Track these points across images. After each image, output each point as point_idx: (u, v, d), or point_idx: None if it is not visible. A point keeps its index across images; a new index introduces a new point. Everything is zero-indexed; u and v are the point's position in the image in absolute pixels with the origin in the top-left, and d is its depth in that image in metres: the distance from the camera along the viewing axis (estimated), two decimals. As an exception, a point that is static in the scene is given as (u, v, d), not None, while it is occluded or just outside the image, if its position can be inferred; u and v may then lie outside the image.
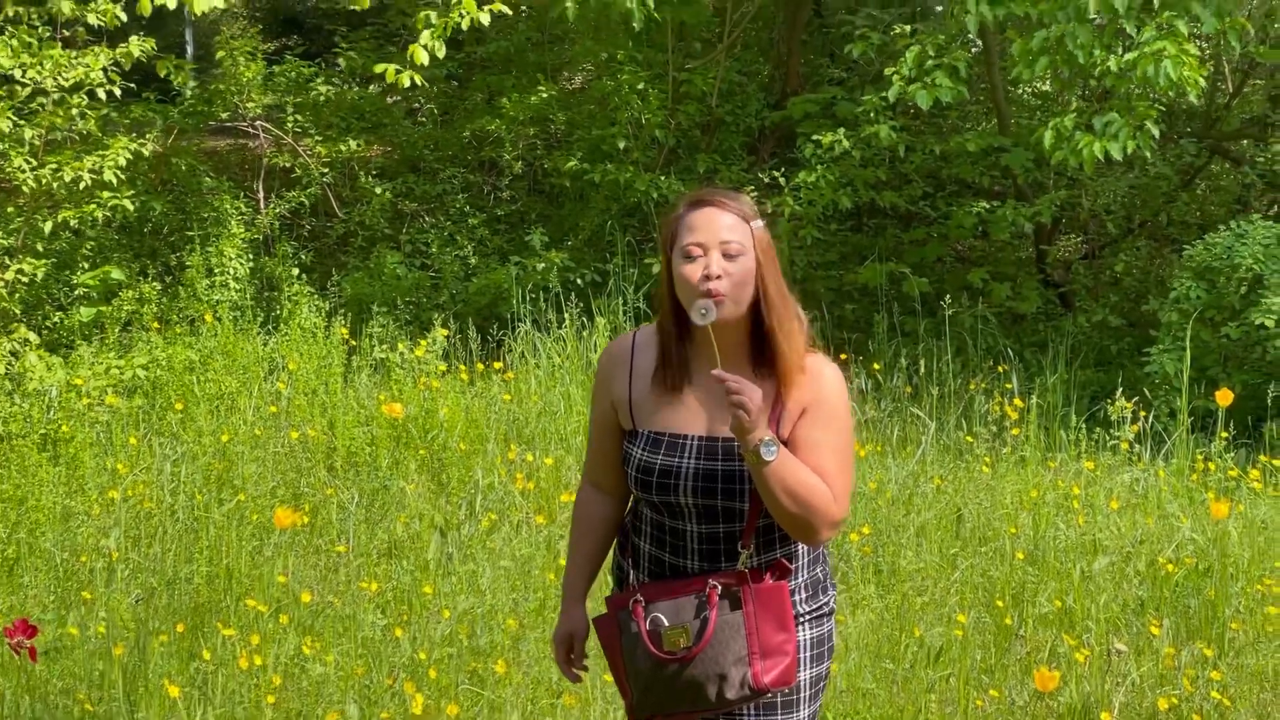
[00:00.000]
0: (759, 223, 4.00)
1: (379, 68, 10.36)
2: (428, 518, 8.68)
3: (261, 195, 13.83)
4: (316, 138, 14.34)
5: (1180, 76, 10.24)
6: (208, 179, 13.19)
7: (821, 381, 4.03)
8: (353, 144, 14.13)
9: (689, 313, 3.91)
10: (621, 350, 4.24)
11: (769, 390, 3.99)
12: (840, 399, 4.04)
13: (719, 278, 3.88)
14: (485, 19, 10.13)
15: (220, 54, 13.92)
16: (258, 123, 14.36)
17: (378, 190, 13.87)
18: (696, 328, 3.97)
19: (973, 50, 13.19)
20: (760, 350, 4.02)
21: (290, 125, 14.32)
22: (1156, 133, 10.98)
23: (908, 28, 12.58)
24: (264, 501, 8.84)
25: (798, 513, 3.85)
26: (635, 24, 11.67)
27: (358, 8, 10.44)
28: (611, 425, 4.25)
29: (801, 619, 4.14)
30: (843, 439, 4.01)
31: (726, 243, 3.91)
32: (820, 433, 3.98)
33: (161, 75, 12.06)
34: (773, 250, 4.04)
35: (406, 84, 10.12)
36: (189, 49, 21.64)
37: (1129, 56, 10.47)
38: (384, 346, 11.43)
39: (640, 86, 13.56)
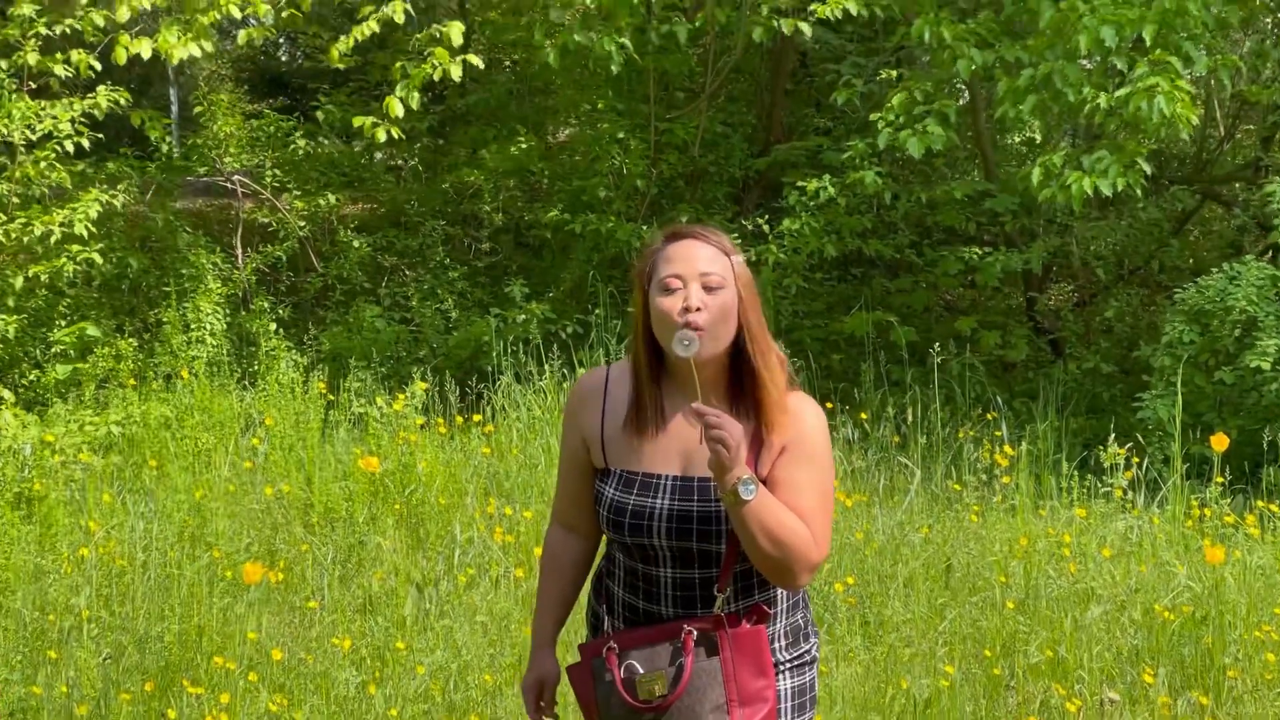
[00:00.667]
0: (738, 257, 3.87)
1: (357, 121, 10.38)
2: (404, 573, 8.48)
3: (240, 251, 13.66)
4: (295, 192, 14.17)
5: (1174, 112, 10.08)
6: (184, 234, 13.03)
7: (802, 420, 3.88)
8: (331, 198, 13.97)
9: (667, 348, 3.77)
10: (594, 384, 4.07)
11: (748, 428, 3.83)
12: (821, 438, 3.91)
13: (699, 310, 3.74)
14: (457, 72, 10.09)
15: (199, 109, 13.79)
16: (236, 177, 14.19)
17: (355, 244, 13.70)
18: (674, 364, 3.86)
19: (960, 100, 13.04)
20: (739, 388, 3.88)
21: (269, 180, 14.16)
22: (1148, 169, 10.85)
23: (894, 73, 12.45)
24: (238, 558, 8.64)
25: (776, 555, 3.70)
26: (615, 67, 11.56)
27: (332, 63, 10.39)
28: (582, 463, 4.07)
29: (782, 667, 3.99)
30: (823, 479, 3.87)
31: (707, 275, 3.77)
32: (800, 472, 3.84)
33: (136, 125, 11.91)
34: (753, 286, 3.91)
35: (383, 138, 10.09)
36: (174, 109, 21.54)
37: (1121, 93, 10.31)
38: (362, 401, 11.26)
39: (621, 136, 13.43)
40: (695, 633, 3.86)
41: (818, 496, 3.84)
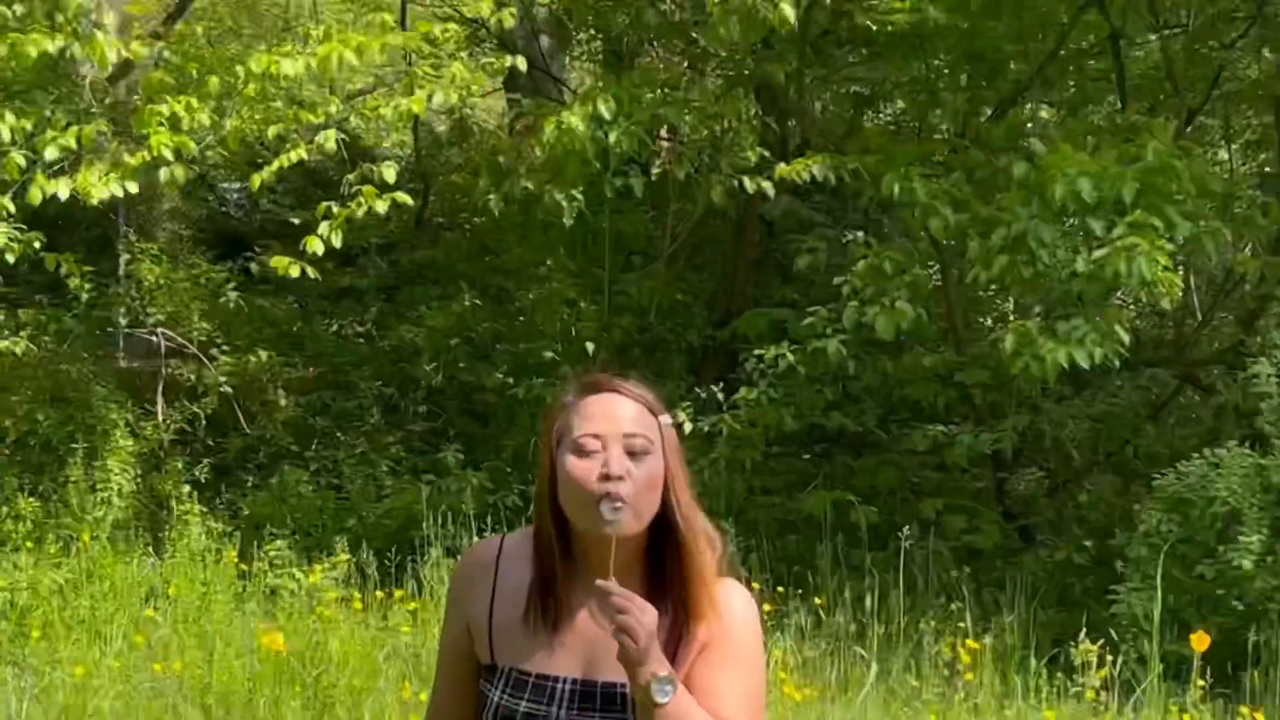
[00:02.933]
0: (666, 418, 3.22)
1: (274, 261, 9.98)
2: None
3: (160, 407, 12.99)
4: (224, 347, 13.55)
5: (1156, 275, 9.50)
6: (99, 388, 12.37)
7: (730, 612, 3.23)
8: (263, 355, 13.34)
9: (577, 522, 3.12)
10: (483, 560, 3.35)
11: (665, 619, 3.13)
12: (751, 633, 3.27)
13: (621, 478, 3.07)
14: (383, 207, 9.76)
15: (124, 258, 13.26)
16: (161, 330, 13.55)
17: (283, 403, 13.07)
18: (584, 542, 3.17)
19: (932, 269, 12.54)
20: (659, 571, 3.21)
21: (196, 334, 13.52)
22: (1126, 338, 10.25)
23: (859, 233, 11.97)
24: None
25: None
26: (566, 219, 11.09)
27: (253, 190, 10.14)
28: (465, 656, 3.33)
29: None
30: (752, 683, 3.23)
31: (631, 437, 3.12)
32: (726, 675, 3.18)
33: (50, 269, 11.35)
34: (681, 453, 3.25)
35: (296, 274, 9.85)
36: (121, 260, 21.05)
37: (1099, 254, 9.72)
38: (278, 572, 10.60)
39: (572, 296, 12.89)
40: None
41: (745, 704, 3.19)
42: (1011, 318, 15.18)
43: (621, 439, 3.11)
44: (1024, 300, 12.73)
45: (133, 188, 10.33)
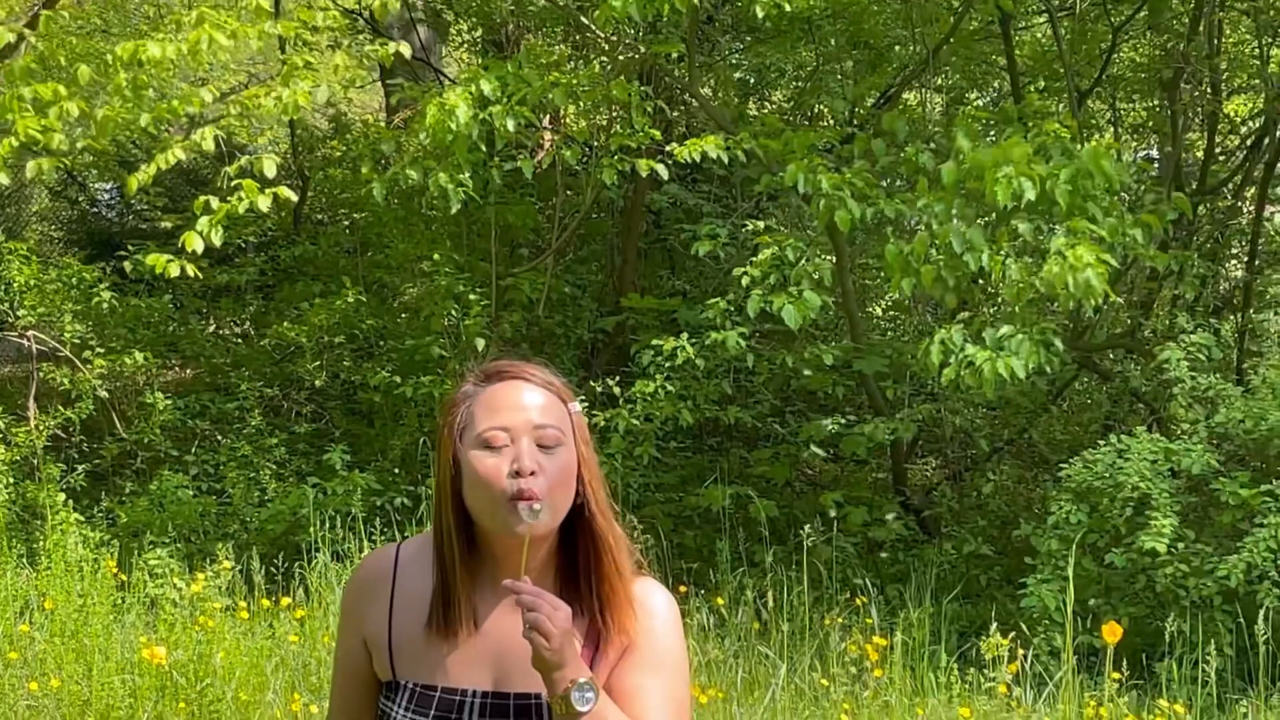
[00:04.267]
0: (575, 405, 3.07)
1: (150, 259, 9.64)
2: (188, 784, 7.39)
3: (33, 412, 12.51)
4: (98, 349, 13.09)
5: (1101, 288, 9.24)
6: (-37, 394, 11.95)
7: (651, 613, 3.08)
8: (139, 357, 12.90)
9: (486, 522, 2.94)
10: (379, 570, 3.14)
11: (581, 622, 2.99)
12: (674, 634, 3.10)
13: (534, 473, 2.89)
14: (265, 204, 9.48)
15: None
16: (31, 333, 13.07)
17: (160, 406, 12.63)
18: (491, 542, 2.99)
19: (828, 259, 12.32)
20: (571, 573, 3.05)
21: (69, 336, 13.05)
22: (1060, 346, 10.03)
23: (760, 224, 11.71)
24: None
25: None
26: (454, 204, 10.73)
27: (129, 194, 9.72)
28: (362, 673, 3.12)
29: None
30: (677, 687, 3.07)
31: (541, 429, 2.95)
32: (649, 680, 3.02)
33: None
34: (591, 442, 3.12)
35: (175, 272, 9.47)
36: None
37: (1045, 267, 9.42)
38: (158, 581, 10.19)
39: (461, 289, 12.55)
40: None
41: (671, 707, 3.03)
42: (908, 306, 15.03)
43: (532, 431, 2.93)
44: (925, 297, 12.48)
45: (5, 180, 9.95)
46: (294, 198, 10.18)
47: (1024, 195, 9.28)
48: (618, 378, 12.59)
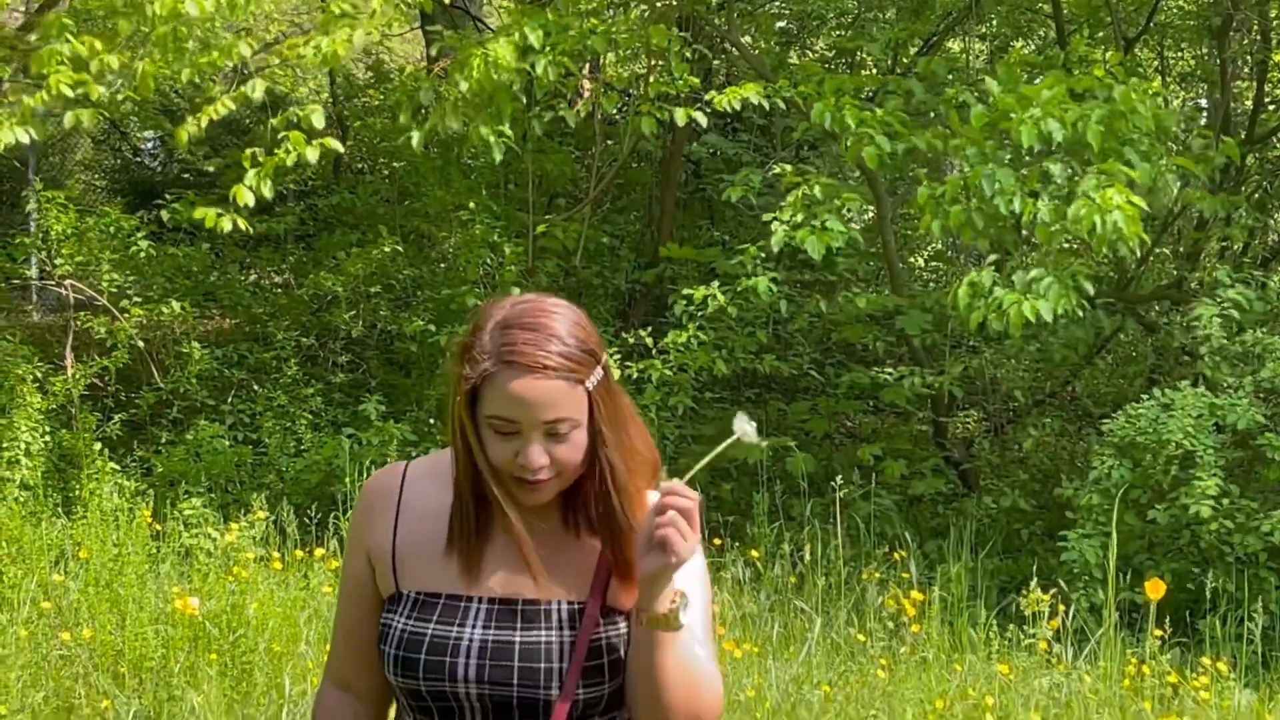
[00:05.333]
0: (597, 376, 2.89)
1: (199, 213, 9.58)
2: (220, 735, 7.34)
3: (70, 361, 12.47)
4: (136, 299, 13.03)
5: (1131, 231, 9.11)
6: (3, 342, 11.85)
7: None
8: (176, 306, 12.83)
9: (490, 482, 2.88)
10: (385, 487, 3.11)
11: (589, 548, 2.97)
12: (698, 556, 2.99)
13: (541, 468, 2.83)
14: (314, 155, 9.41)
15: (29, 206, 12.71)
16: (69, 282, 13.02)
17: (196, 355, 12.56)
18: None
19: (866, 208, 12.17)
20: (575, 503, 2.98)
21: (106, 285, 12.99)
22: (1091, 290, 9.89)
23: (789, 167, 11.56)
24: (25, 718, 7.53)
25: (686, 709, 2.85)
26: (496, 154, 10.62)
27: (179, 147, 9.67)
28: (367, 593, 3.07)
29: None
30: (706, 608, 3.02)
31: (553, 424, 2.83)
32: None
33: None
34: (614, 397, 2.97)
35: (227, 227, 9.40)
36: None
37: (1074, 207, 9.29)
38: (193, 532, 10.15)
39: (495, 239, 12.45)
40: None
41: (706, 633, 2.98)
42: (949, 257, 14.91)
43: (541, 426, 2.82)
44: (967, 245, 12.34)
45: (34, 133, 9.89)
46: (340, 149, 10.12)
47: (1053, 137, 9.17)
48: (650, 328, 12.50)
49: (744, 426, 2.95)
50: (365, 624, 3.06)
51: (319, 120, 9.72)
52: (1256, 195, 14.34)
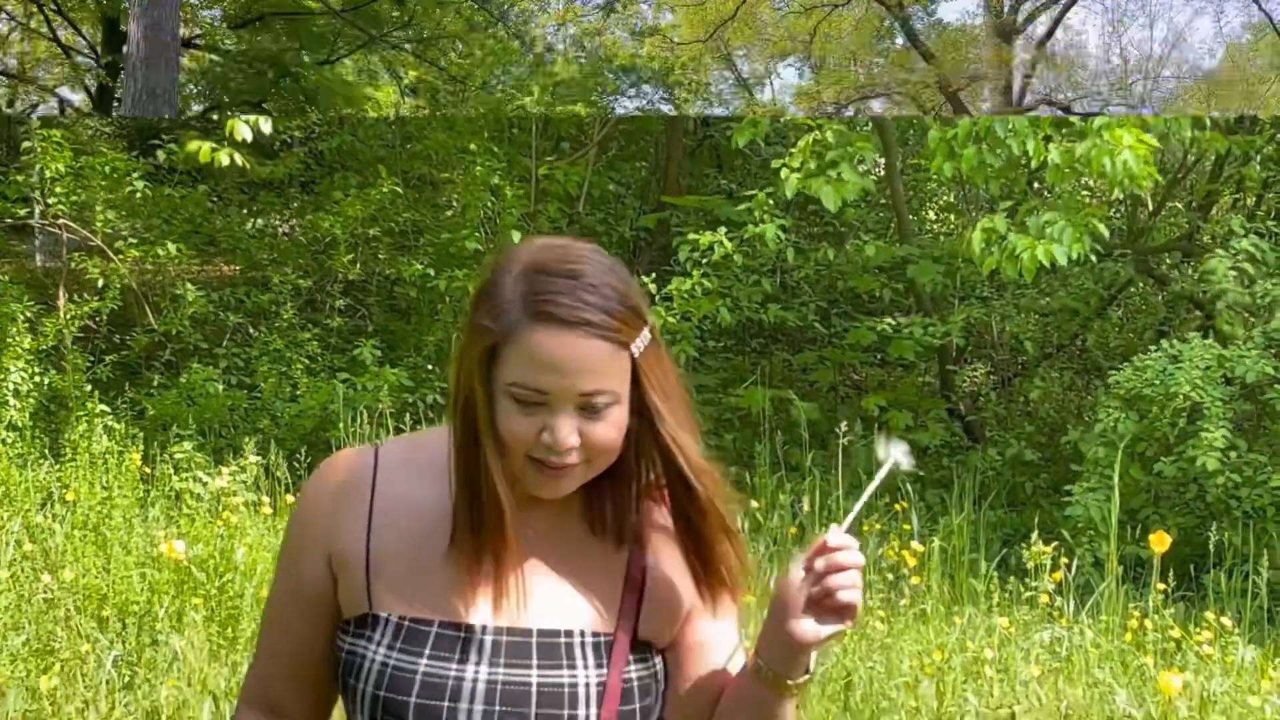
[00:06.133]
0: (643, 337, 2.32)
1: (192, 146, 9.53)
2: (202, 681, 7.12)
3: (63, 302, 12.31)
4: (131, 240, 12.86)
5: (1143, 173, 8.94)
6: (-4, 280, 11.75)
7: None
8: (171, 248, 12.67)
9: (506, 464, 2.31)
10: (353, 477, 2.47)
11: (616, 564, 2.45)
12: None
13: (571, 449, 2.28)
14: None
15: (26, 145, 12.53)
16: (62, 222, 12.86)
17: (190, 297, 12.40)
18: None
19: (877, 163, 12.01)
20: (598, 498, 2.44)
21: (100, 225, 12.83)
22: (1106, 233, 9.70)
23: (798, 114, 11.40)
24: (3, 661, 7.30)
25: None
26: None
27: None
28: (316, 604, 2.47)
29: None
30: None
31: (590, 395, 2.26)
32: (730, 625, 2.52)
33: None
34: (664, 366, 2.42)
35: (225, 161, 9.29)
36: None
37: (1083, 147, 9.10)
38: (183, 476, 9.98)
39: (496, 181, 12.25)
40: None
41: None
42: (960, 209, 14.75)
43: (576, 399, 2.27)
44: (979, 191, 12.17)
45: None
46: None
47: None
48: (655, 276, 12.29)
49: (897, 454, 2.50)
50: (317, 645, 2.49)
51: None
52: (1272, 147, 14.14)
